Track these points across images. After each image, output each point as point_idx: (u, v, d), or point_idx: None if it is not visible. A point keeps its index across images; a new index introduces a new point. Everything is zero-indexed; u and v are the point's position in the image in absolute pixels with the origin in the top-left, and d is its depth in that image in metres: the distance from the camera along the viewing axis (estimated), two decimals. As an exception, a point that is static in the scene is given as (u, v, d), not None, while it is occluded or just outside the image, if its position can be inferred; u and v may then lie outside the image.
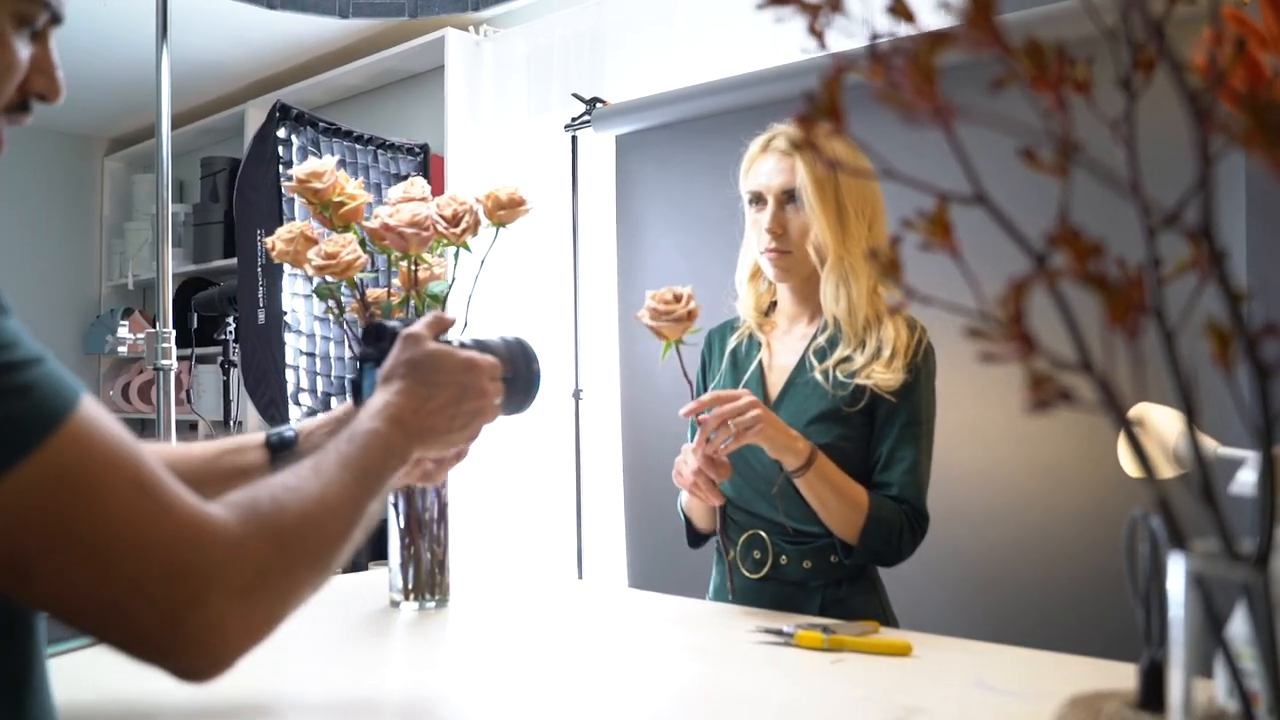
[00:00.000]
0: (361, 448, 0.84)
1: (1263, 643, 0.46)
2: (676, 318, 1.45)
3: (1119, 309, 0.46)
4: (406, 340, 0.97)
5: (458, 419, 0.96)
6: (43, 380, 0.64)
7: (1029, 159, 0.48)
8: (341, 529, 0.79)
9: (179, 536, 0.66)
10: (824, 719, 1.01)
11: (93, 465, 0.64)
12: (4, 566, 0.62)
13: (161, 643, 0.66)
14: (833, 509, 1.45)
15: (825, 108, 0.49)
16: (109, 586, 0.64)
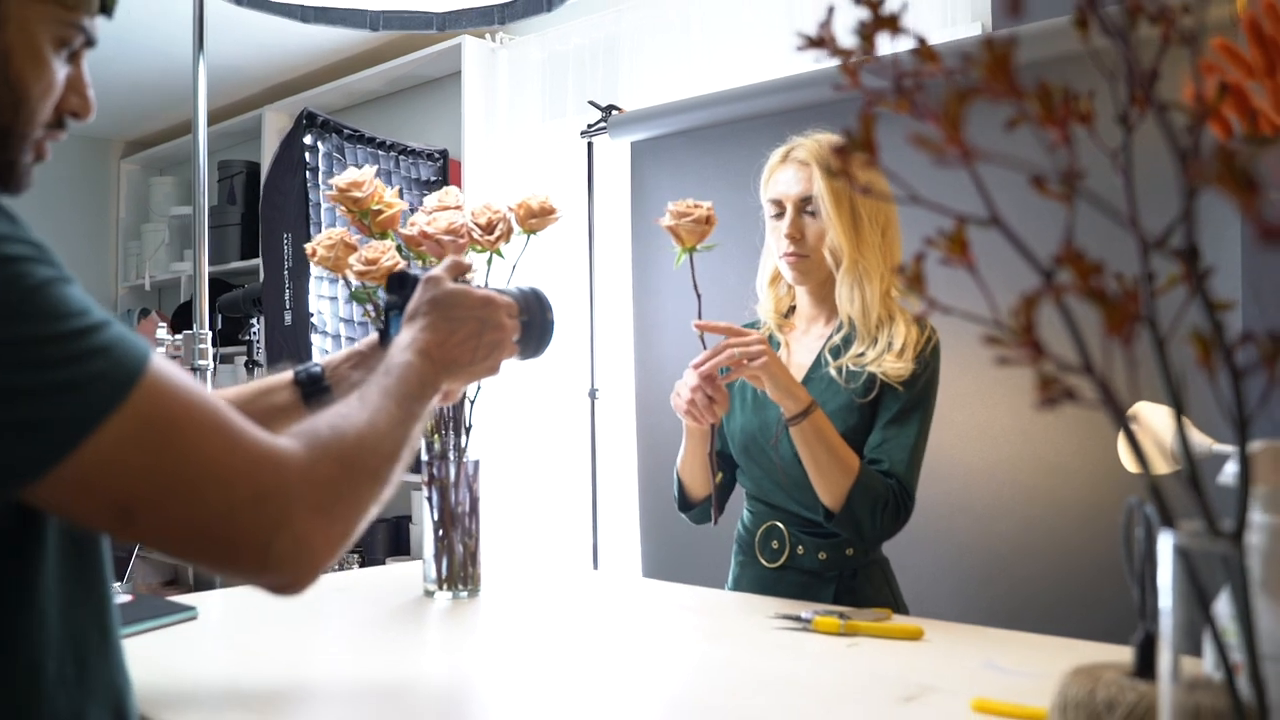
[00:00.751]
0: (398, 379, 0.92)
1: (1240, 610, 0.53)
2: (695, 219, 1.52)
3: (1116, 320, 0.53)
4: (428, 282, 1.05)
5: (479, 350, 1.04)
6: (117, 340, 0.71)
7: (1038, 186, 0.56)
8: (393, 448, 0.87)
9: (258, 465, 0.73)
10: (840, 696, 1.09)
11: (172, 411, 0.71)
12: (109, 510, 0.69)
13: (256, 563, 0.73)
14: (824, 466, 1.49)
15: (861, 143, 0.57)
16: (202, 517, 0.71)
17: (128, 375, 0.69)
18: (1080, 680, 0.78)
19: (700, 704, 1.09)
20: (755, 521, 1.66)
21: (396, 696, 1.11)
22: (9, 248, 0.68)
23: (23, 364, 0.65)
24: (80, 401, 0.67)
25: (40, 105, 0.81)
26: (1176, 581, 0.57)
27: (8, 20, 0.78)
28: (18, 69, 0.79)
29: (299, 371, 1.19)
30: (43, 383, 0.66)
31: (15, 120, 0.80)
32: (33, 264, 0.68)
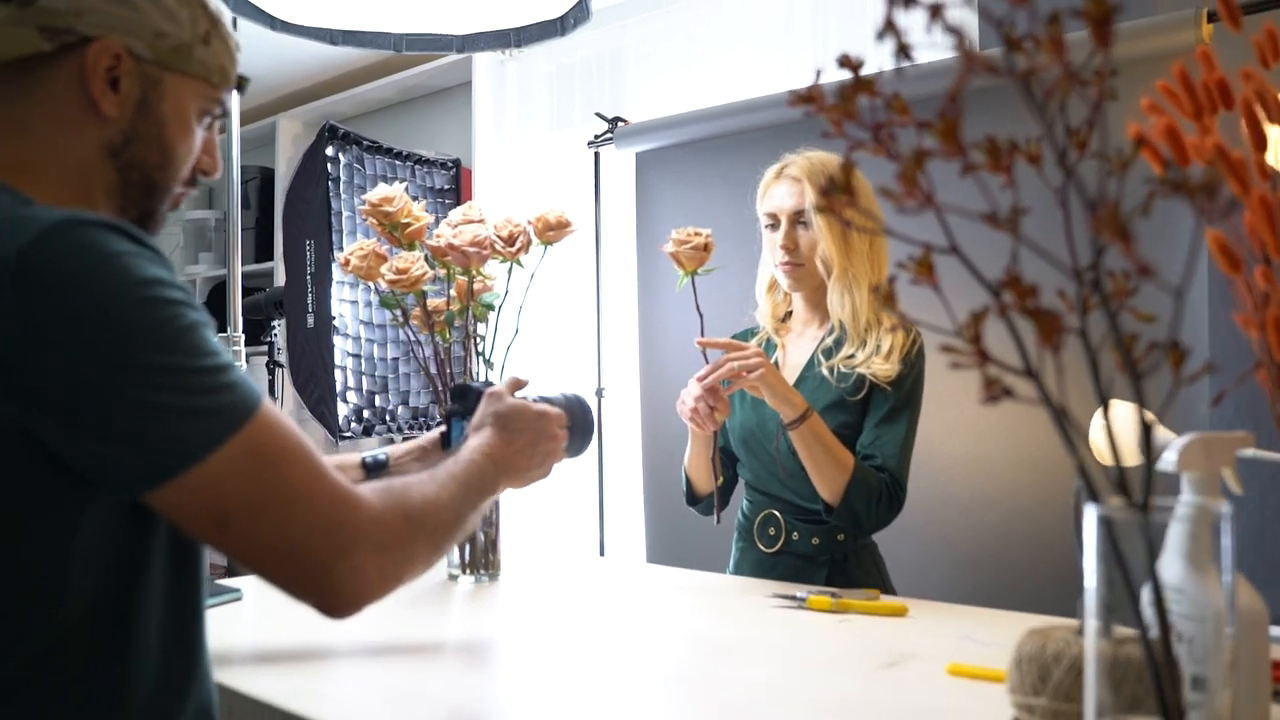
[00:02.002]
0: (465, 469, 1.07)
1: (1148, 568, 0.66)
2: (695, 247, 1.65)
3: (1047, 332, 0.66)
4: (491, 397, 1.21)
5: (535, 458, 1.20)
6: (241, 381, 0.85)
7: (991, 221, 0.68)
8: (451, 520, 1.00)
9: (334, 501, 0.87)
10: (830, 663, 1.21)
11: (277, 444, 0.84)
12: (210, 518, 0.82)
13: (316, 583, 0.86)
14: (821, 465, 1.62)
15: (842, 187, 0.70)
16: (283, 535, 0.84)
17: (247, 410, 0.83)
18: (1034, 638, 0.91)
19: (698, 671, 1.21)
20: (754, 510, 1.80)
21: (425, 665, 1.24)
22: (170, 291, 0.81)
23: (170, 387, 0.79)
24: (209, 425, 0.80)
25: (184, 165, 0.96)
26: (1100, 546, 0.70)
27: (165, 95, 0.93)
28: (170, 136, 0.94)
29: (366, 458, 1.36)
30: (183, 405, 0.79)
31: (163, 177, 0.95)
32: (186, 307, 0.82)
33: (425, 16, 1.93)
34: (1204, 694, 0.81)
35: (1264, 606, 0.91)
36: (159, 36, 0.91)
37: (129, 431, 0.78)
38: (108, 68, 0.90)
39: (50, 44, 0.88)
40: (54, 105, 0.90)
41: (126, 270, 0.79)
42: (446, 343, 1.69)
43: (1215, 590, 0.83)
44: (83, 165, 0.91)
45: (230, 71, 0.99)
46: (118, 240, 0.81)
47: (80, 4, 0.88)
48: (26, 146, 0.90)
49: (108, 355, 0.77)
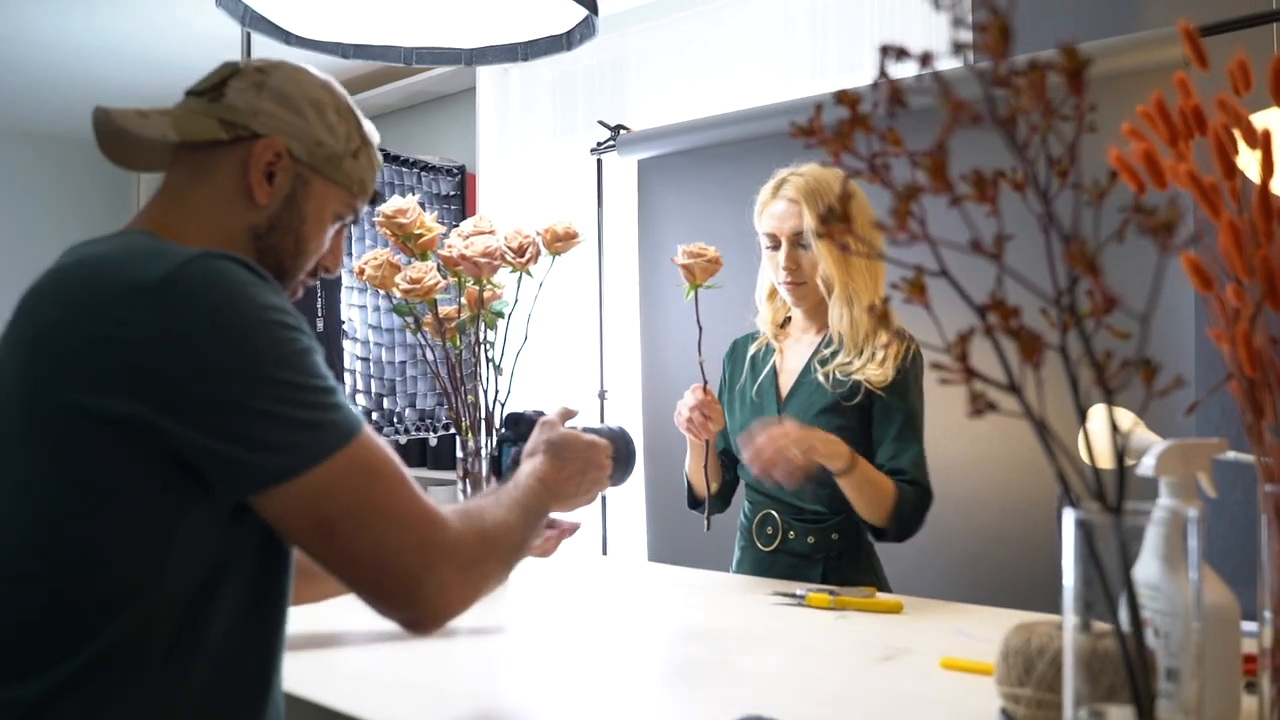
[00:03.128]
0: (524, 493, 1.13)
1: (1121, 567, 0.72)
2: (709, 259, 1.72)
3: (1028, 351, 0.71)
4: (544, 425, 1.29)
5: (583, 485, 1.28)
6: (345, 403, 0.93)
7: (975, 248, 0.74)
8: (518, 542, 1.07)
9: (426, 520, 0.94)
10: (827, 657, 1.27)
11: (377, 463, 0.92)
12: (315, 525, 0.89)
13: (403, 597, 0.93)
14: (870, 498, 1.70)
15: (840, 216, 0.75)
16: (379, 547, 0.91)
17: (351, 429, 0.91)
18: (1019, 633, 0.97)
19: (698, 665, 1.27)
20: (753, 510, 1.86)
21: (433, 657, 1.29)
22: (289, 319, 0.91)
23: (289, 400, 0.88)
24: (321, 437, 0.88)
25: (311, 259, 1.08)
26: (1077, 548, 0.76)
27: (311, 195, 1.05)
28: (306, 231, 1.06)
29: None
30: (298, 417, 0.88)
31: (293, 265, 1.06)
32: (302, 334, 0.92)
33: (434, 30, 1.98)
34: (1176, 684, 0.87)
35: (1235, 603, 0.97)
36: (317, 145, 1.04)
37: (252, 434, 0.86)
38: (268, 162, 1.02)
39: (228, 135, 1.01)
40: (215, 185, 1.02)
41: (254, 296, 0.89)
42: (457, 349, 1.75)
43: (1189, 588, 0.88)
44: (227, 240, 1.02)
45: (369, 186, 1.11)
46: (245, 272, 0.91)
47: (259, 106, 1.02)
48: (180, 214, 1.02)
49: (237, 366, 0.87)
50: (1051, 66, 0.64)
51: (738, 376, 1.93)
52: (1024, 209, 0.73)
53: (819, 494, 1.78)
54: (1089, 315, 0.70)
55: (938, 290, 0.74)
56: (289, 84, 1.04)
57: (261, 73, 1.04)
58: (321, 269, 1.12)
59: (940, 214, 0.70)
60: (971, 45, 0.66)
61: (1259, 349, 0.90)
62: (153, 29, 3.57)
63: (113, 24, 3.56)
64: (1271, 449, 0.91)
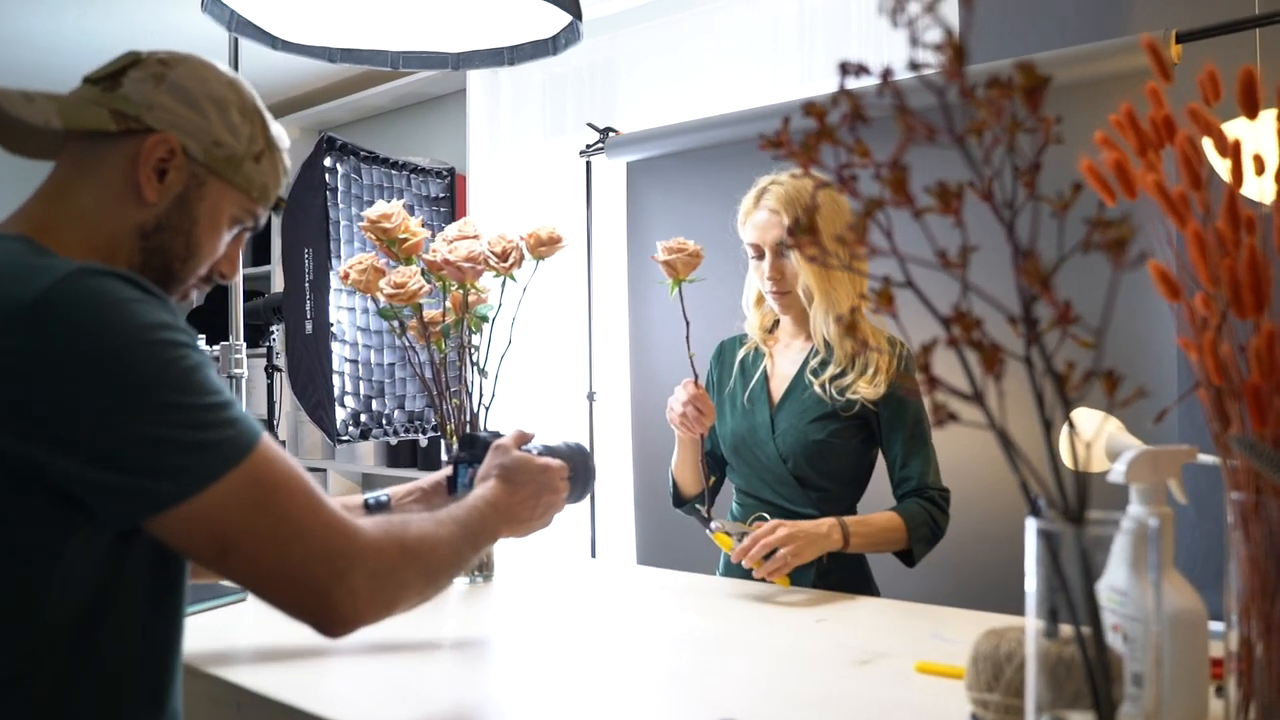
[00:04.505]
0: (466, 514, 1.13)
1: (1083, 576, 0.73)
2: (689, 254, 1.73)
3: (989, 362, 0.72)
4: (497, 449, 1.28)
5: (537, 509, 1.26)
6: (241, 418, 0.91)
7: (942, 260, 0.75)
8: (446, 557, 1.05)
9: (332, 529, 0.92)
10: (808, 660, 1.28)
11: (276, 476, 0.90)
12: (213, 545, 0.88)
13: (313, 605, 0.92)
14: (882, 545, 1.73)
15: (806, 228, 0.76)
16: (281, 561, 0.90)
17: (247, 444, 0.89)
18: (989, 638, 0.97)
19: (681, 669, 1.28)
20: (744, 513, 1.87)
21: (422, 663, 1.30)
22: (174, 335, 0.88)
23: (171, 423, 0.85)
24: (211, 457, 0.86)
25: (204, 263, 1.04)
26: (1040, 556, 0.77)
27: (205, 197, 1.01)
28: (199, 233, 1.02)
29: (369, 499, 1.43)
30: (184, 439, 0.85)
31: (182, 269, 1.02)
32: (189, 350, 0.89)
33: (421, 35, 1.99)
34: (1142, 689, 0.88)
35: (1203, 608, 0.98)
36: (216, 145, 1.00)
37: (135, 463, 0.84)
38: (160, 158, 0.98)
39: (117, 126, 0.97)
40: (101, 180, 0.98)
41: (135, 315, 0.86)
42: (442, 353, 1.75)
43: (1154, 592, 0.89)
44: (111, 239, 0.98)
45: (272, 191, 1.07)
46: (126, 288, 0.87)
47: (155, 100, 0.98)
48: (62, 210, 0.98)
49: (117, 392, 0.83)
50: (1010, 85, 0.65)
51: (726, 379, 1.94)
52: (994, 219, 0.74)
53: (809, 497, 1.79)
54: (1049, 329, 0.71)
55: (910, 300, 0.75)
56: (191, 79, 1.00)
57: (164, 65, 1.00)
58: (216, 274, 1.08)
59: (912, 223, 0.71)
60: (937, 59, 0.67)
61: (1225, 358, 0.91)
62: (144, 31, 3.58)
63: (105, 26, 3.56)
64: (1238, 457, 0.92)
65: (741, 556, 1.62)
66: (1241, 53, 2.02)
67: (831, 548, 1.66)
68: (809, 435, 1.77)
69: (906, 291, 0.71)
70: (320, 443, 4.06)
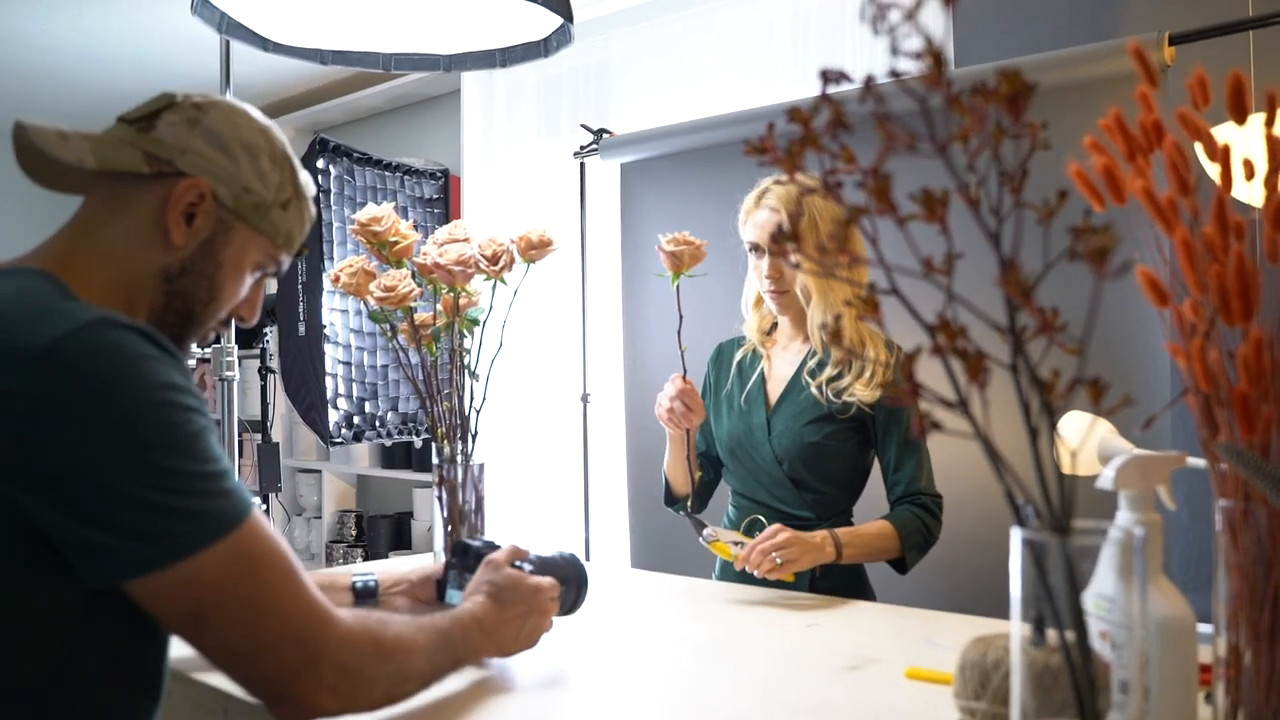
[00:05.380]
0: (449, 625, 1.09)
1: (1068, 584, 0.72)
2: (695, 246, 1.73)
3: (973, 371, 0.72)
4: (488, 565, 1.24)
5: (523, 630, 1.21)
6: (235, 488, 0.90)
7: (927, 267, 0.74)
8: (422, 666, 1.02)
9: (308, 614, 0.91)
10: (800, 665, 1.28)
11: (260, 553, 0.89)
12: (188, 615, 0.87)
13: (277, 690, 0.90)
14: (875, 554, 1.73)
15: (791, 235, 0.76)
16: (252, 641, 0.88)
17: (237, 516, 0.88)
18: (976, 646, 0.97)
19: (674, 673, 1.28)
20: (739, 515, 1.87)
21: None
22: (184, 398, 0.87)
23: (166, 488, 0.84)
24: (198, 526, 0.85)
25: (225, 307, 1.04)
26: (1025, 565, 0.76)
27: (231, 242, 1.01)
28: (222, 278, 1.02)
29: (356, 582, 1.41)
30: (181, 505, 0.84)
31: (204, 312, 1.02)
32: (197, 414, 0.88)
33: (413, 37, 1.98)
34: (1129, 697, 0.88)
35: (1191, 614, 0.98)
36: (245, 191, 1.00)
37: (123, 522, 0.83)
38: (189, 203, 0.98)
39: (150, 169, 0.97)
40: (130, 221, 0.98)
41: (148, 373, 0.85)
42: (433, 356, 1.75)
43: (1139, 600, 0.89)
44: (135, 280, 0.98)
45: (296, 239, 1.07)
46: (143, 344, 0.86)
47: (188, 144, 0.98)
48: (89, 248, 0.98)
49: (117, 449, 0.82)
50: (993, 93, 0.64)
51: (723, 381, 1.94)
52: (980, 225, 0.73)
53: (805, 500, 1.79)
54: (1033, 337, 0.71)
55: (896, 308, 0.74)
56: (224, 124, 1.01)
57: (199, 109, 1.00)
58: (236, 318, 1.08)
59: (900, 229, 0.71)
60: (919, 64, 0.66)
61: (1213, 364, 0.90)
62: (139, 31, 3.57)
63: (99, 26, 3.55)
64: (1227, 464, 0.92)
65: (743, 563, 1.61)
66: (1235, 55, 2.01)
67: (825, 560, 1.66)
68: (805, 437, 1.77)
69: (892, 299, 0.71)
70: (314, 445, 4.05)
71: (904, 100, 0.65)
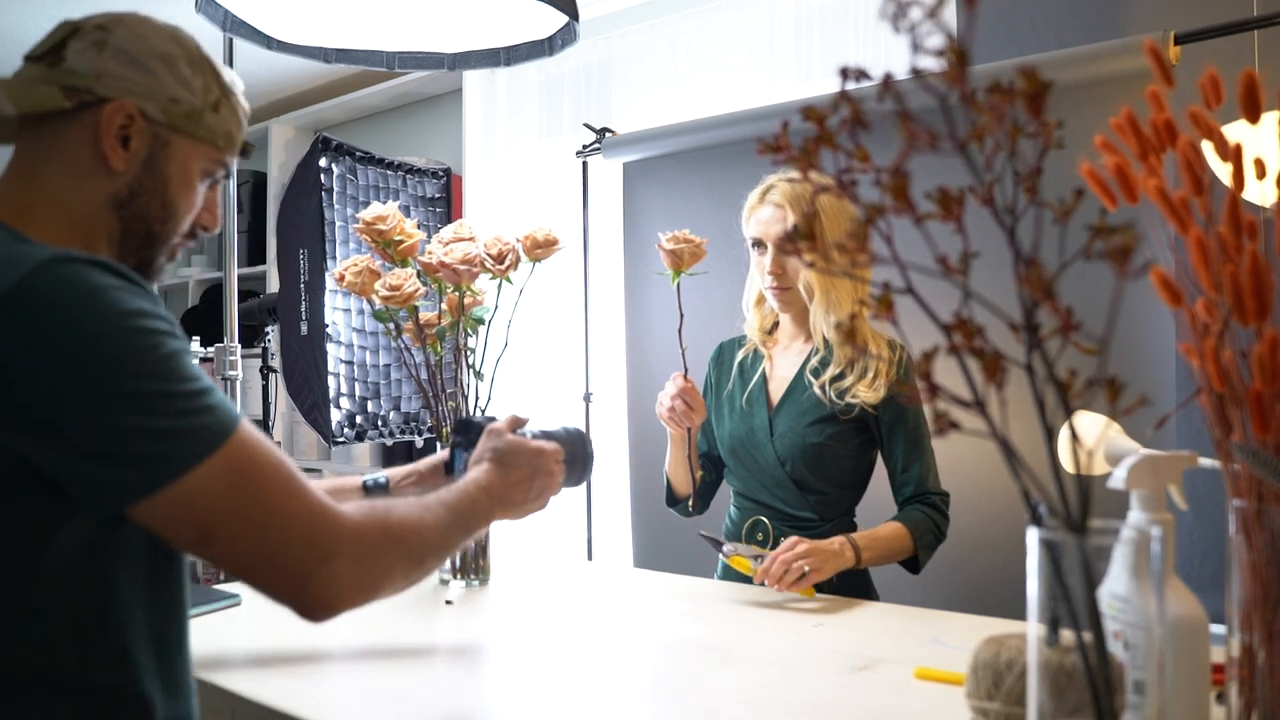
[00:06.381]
0: (456, 497, 1.12)
1: (1084, 585, 0.72)
2: (696, 244, 1.74)
3: (990, 371, 0.72)
4: (490, 433, 1.26)
5: (531, 491, 1.24)
6: (219, 404, 0.90)
7: (943, 265, 0.74)
8: (433, 541, 1.05)
9: (314, 515, 0.92)
10: (806, 665, 1.28)
11: (255, 462, 0.90)
12: (193, 531, 0.88)
13: (295, 590, 0.92)
14: (892, 557, 1.73)
15: (805, 233, 0.76)
16: (262, 547, 0.90)
17: (224, 430, 0.89)
18: (989, 646, 0.97)
19: (679, 674, 1.27)
20: (742, 516, 1.86)
21: (416, 668, 1.30)
22: (152, 322, 0.87)
23: (149, 410, 0.85)
24: (187, 444, 0.86)
25: (184, 220, 1.03)
26: (1042, 566, 0.76)
27: (172, 156, 1.00)
28: (173, 192, 1.01)
29: (367, 480, 1.41)
30: (162, 427, 0.85)
31: (163, 230, 1.02)
32: (167, 336, 0.88)
33: (417, 35, 1.98)
34: (1144, 697, 0.88)
35: (1204, 614, 0.97)
36: (172, 102, 0.99)
37: (114, 451, 0.84)
38: (120, 126, 0.97)
39: (70, 101, 0.95)
40: (66, 157, 0.97)
41: (112, 303, 0.85)
42: (438, 355, 1.74)
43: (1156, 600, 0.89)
44: (88, 214, 0.98)
45: (236, 137, 1.06)
46: (104, 275, 0.87)
47: (102, 68, 0.96)
48: (34, 192, 0.97)
49: (95, 380, 0.83)
50: (1012, 90, 0.64)
51: (725, 381, 1.94)
52: (992, 223, 0.73)
53: (808, 501, 1.78)
54: (1051, 335, 0.70)
55: (911, 306, 0.74)
56: (133, 40, 0.98)
57: (102, 30, 0.98)
58: (200, 228, 1.07)
59: (912, 228, 0.70)
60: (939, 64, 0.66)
61: (1227, 364, 0.90)
62: (138, 30, 3.56)
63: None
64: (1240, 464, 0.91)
65: (764, 576, 1.60)
66: (1240, 54, 2.01)
67: (846, 566, 1.65)
68: (807, 438, 1.77)
69: (907, 298, 0.70)
70: (316, 444, 4.04)
71: (917, 99, 0.65)
